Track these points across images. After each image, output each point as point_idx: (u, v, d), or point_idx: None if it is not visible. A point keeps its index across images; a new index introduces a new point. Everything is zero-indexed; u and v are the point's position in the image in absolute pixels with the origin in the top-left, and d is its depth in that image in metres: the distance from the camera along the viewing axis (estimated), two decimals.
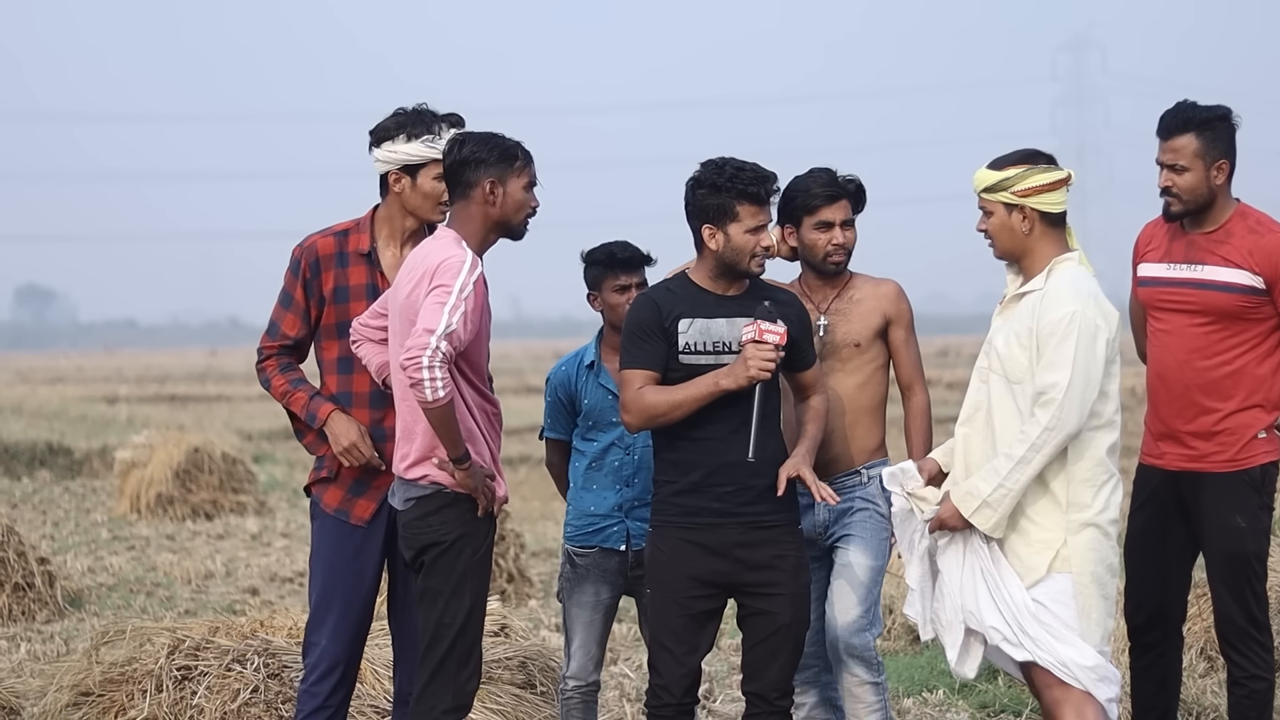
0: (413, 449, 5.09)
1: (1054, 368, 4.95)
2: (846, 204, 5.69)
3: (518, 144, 5.18)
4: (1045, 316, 5.00)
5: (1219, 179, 5.57)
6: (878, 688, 5.59)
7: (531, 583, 11.03)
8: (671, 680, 5.17)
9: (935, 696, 7.54)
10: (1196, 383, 5.60)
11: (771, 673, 5.17)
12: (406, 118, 5.32)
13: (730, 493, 5.14)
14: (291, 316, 5.43)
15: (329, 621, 5.35)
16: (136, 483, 15.58)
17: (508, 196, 5.12)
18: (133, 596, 10.98)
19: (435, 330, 4.86)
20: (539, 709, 6.40)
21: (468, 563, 5.06)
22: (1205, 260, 5.59)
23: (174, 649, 6.26)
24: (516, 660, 6.58)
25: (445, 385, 4.86)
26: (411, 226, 5.41)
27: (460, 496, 5.06)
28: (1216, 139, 5.57)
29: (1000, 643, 5.05)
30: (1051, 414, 4.92)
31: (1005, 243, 5.14)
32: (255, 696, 6.12)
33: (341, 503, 5.38)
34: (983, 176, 5.13)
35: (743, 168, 5.17)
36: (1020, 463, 4.95)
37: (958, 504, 5.04)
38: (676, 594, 5.16)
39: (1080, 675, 4.98)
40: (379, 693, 6.20)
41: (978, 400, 5.16)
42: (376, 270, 5.40)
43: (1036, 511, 5.03)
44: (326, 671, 5.34)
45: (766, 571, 5.16)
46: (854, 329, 5.66)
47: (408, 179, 5.34)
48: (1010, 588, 5.02)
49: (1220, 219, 5.60)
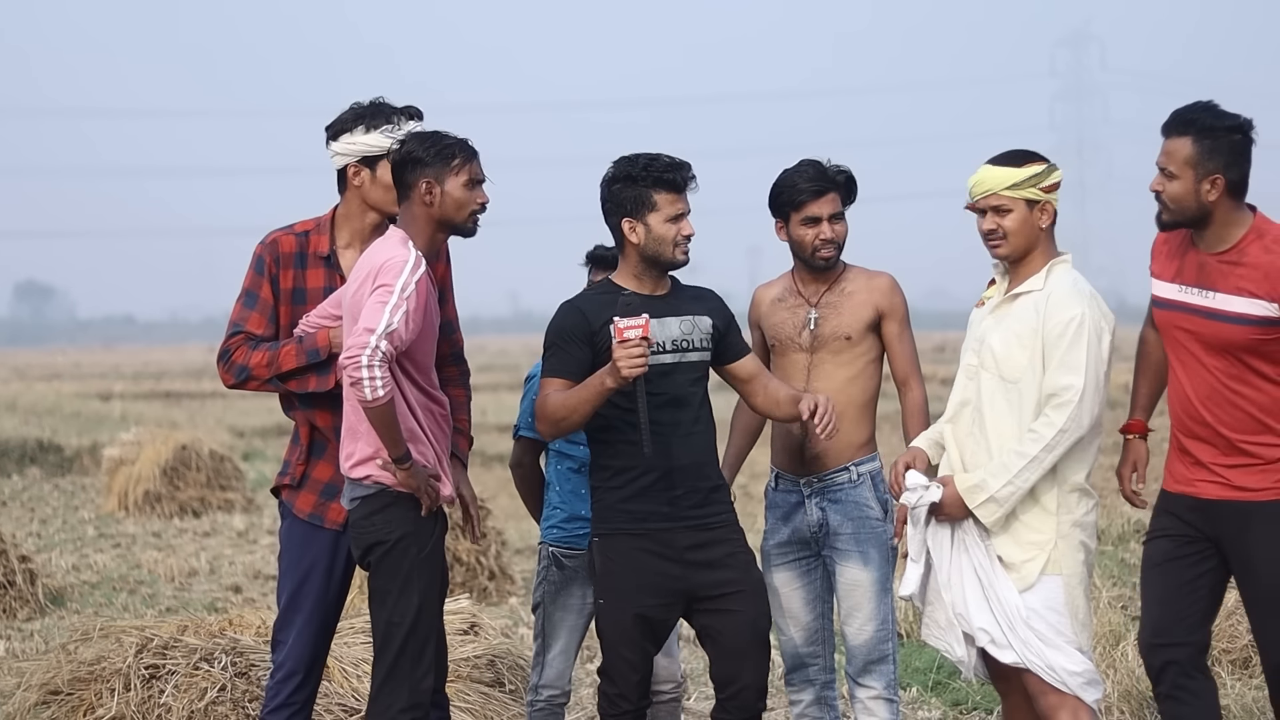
0: (357, 448, 5.08)
1: (1068, 370, 4.94)
2: (835, 197, 5.59)
3: (459, 142, 5.13)
4: (1053, 318, 4.98)
5: (1210, 194, 4.95)
6: (891, 705, 5.59)
7: (513, 580, 11.03)
8: (628, 688, 5.16)
9: (909, 694, 7.54)
10: (1226, 420, 5.05)
11: (745, 675, 5.14)
12: (364, 109, 5.28)
13: (680, 495, 5.14)
14: (257, 315, 5.36)
15: (296, 621, 5.34)
16: (124, 480, 15.60)
17: (445, 196, 5.09)
18: (115, 594, 10.98)
19: (375, 329, 4.85)
20: (507, 707, 6.41)
21: (413, 561, 5.06)
22: (1217, 286, 5.00)
23: (142, 648, 6.28)
24: (485, 659, 6.58)
25: (385, 385, 4.86)
26: (373, 222, 5.35)
27: (404, 496, 5.06)
28: (1216, 150, 4.95)
29: (988, 645, 5.05)
30: (1068, 415, 4.92)
31: (1023, 240, 5.07)
32: (222, 695, 6.14)
33: (315, 508, 5.36)
34: (1002, 175, 5.05)
35: (656, 157, 5.16)
36: (1033, 462, 4.95)
37: (964, 494, 5.02)
38: (631, 602, 5.13)
39: (1069, 680, 4.99)
40: (347, 691, 6.21)
41: (964, 398, 5.15)
42: (336, 274, 5.36)
43: (1028, 514, 5.03)
44: (292, 670, 5.34)
45: (721, 570, 5.15)
46: (844, 322, 5.59)
47: (367, 172, 5.30)
48: (1002, 589, 5.02)
49: (1231, 238, 4.99)
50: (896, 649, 5.66)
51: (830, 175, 5.60)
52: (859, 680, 5.60)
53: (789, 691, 5.77)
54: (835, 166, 5.65)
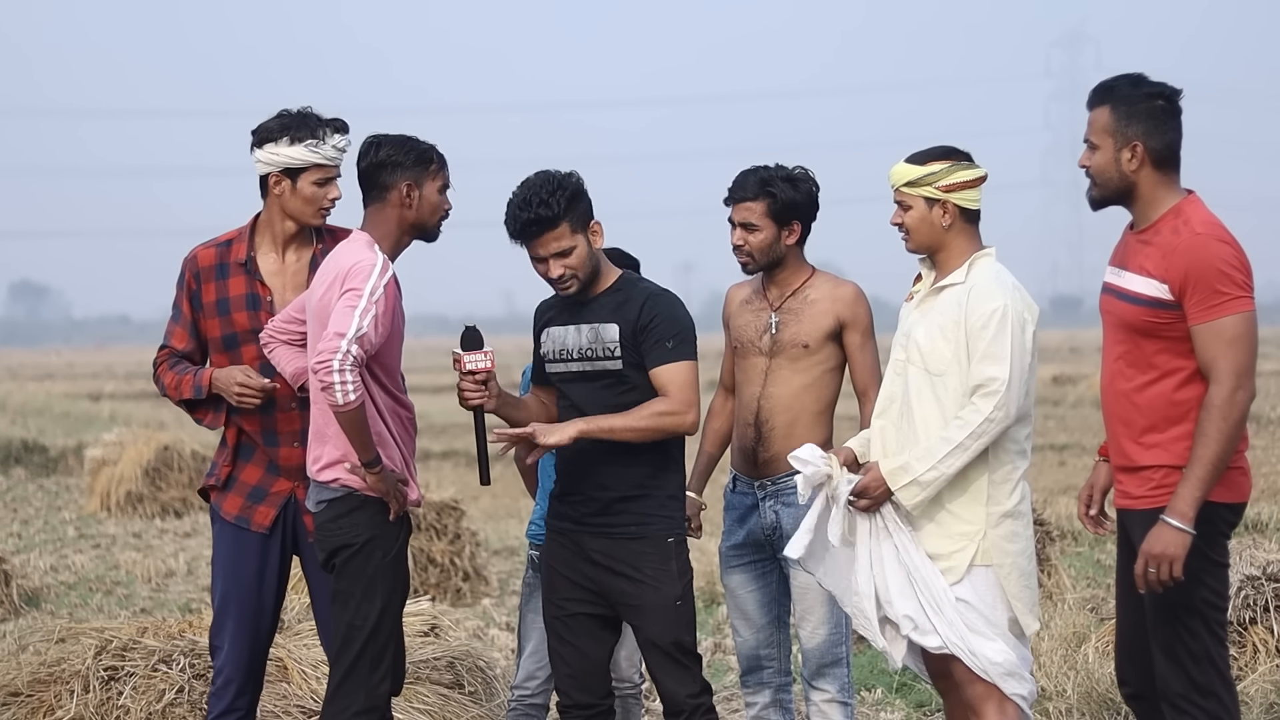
0: (325, 451, 5.10)
1: (993, 360, 4.96)
2: (754, 205, 5.53)
3: (432, 147, 5.19)
4: (975, 310, 5.00)
5: (1131, 163, 4.75)
6: (846, 708, 5.60)
7: (488, 581, 11.03)
8: (562, 682, 5.21)
9: (873, 695, 7.56)
10: (1118, 412, 4.85)
11: (667, 686, 5.15)
12: (290, 120, 5.29)
13: (578, 502, 5.20)
14: (180, 330, 5.44)
15: (229, 626, 5.36)
16: (107, 480, 15.63)
17: (423, 200, 5.14)
18: (90, 595, 11.00)
19: (346, 334, 4.88)
20: (466, 709, 6.42)
21: (378, 565, 5.08)
22: (1128, 265, 4.81)
23: (101, 649, 6.29)
24: (445, 660, 6.59)
25: (356, 389, 4.88)
26: (291, 230, 5.39)
27: (371, 499, 5.08)
28: (1134, 115, 4.75)
29: (911, 632, 5.05)
30: (995, 404, 4.92)
31: (923, 237, 5.14)
32: (180, 697, 6.16)
33: (241, 510, 5.38)
34: (904, 171, 5.13)
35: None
36: (958, 448, 4.95)
37: (886, 476, 5.02)
38: (553, 597, 5.23)
39: (990, 669, 4.99)
40: (306, 693, 6.22)
41: (892, 393, 5.16)
42: (255, 279, 5.39)
43: (956, 504, 5.03)
44: (230, 677, 5.36)
45: (622, 580, 5.14)
46: (803, 329, 5.57)
47: (288, 182, 5.31)
48: (926, 574, 5.03)
49: (1152, 216, 4.78)
50: (851, 653, 5.67)
51: (760, 184, 5.56)
52: (813, 683, 5.61)
53: (745, 693, 5.79)
54: (779, 177, 5.57)
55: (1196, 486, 4.64)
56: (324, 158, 5.27)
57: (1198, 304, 4.65)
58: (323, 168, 5.28)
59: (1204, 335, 4.66)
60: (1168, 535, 4.63)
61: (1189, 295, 4.65)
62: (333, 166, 5.31)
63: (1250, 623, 7.23)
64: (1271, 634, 7.17)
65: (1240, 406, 4.65)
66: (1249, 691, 6.78)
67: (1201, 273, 4.64)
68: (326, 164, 5.29)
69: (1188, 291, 4.65)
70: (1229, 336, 4.64)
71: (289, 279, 5.38)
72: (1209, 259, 4.65)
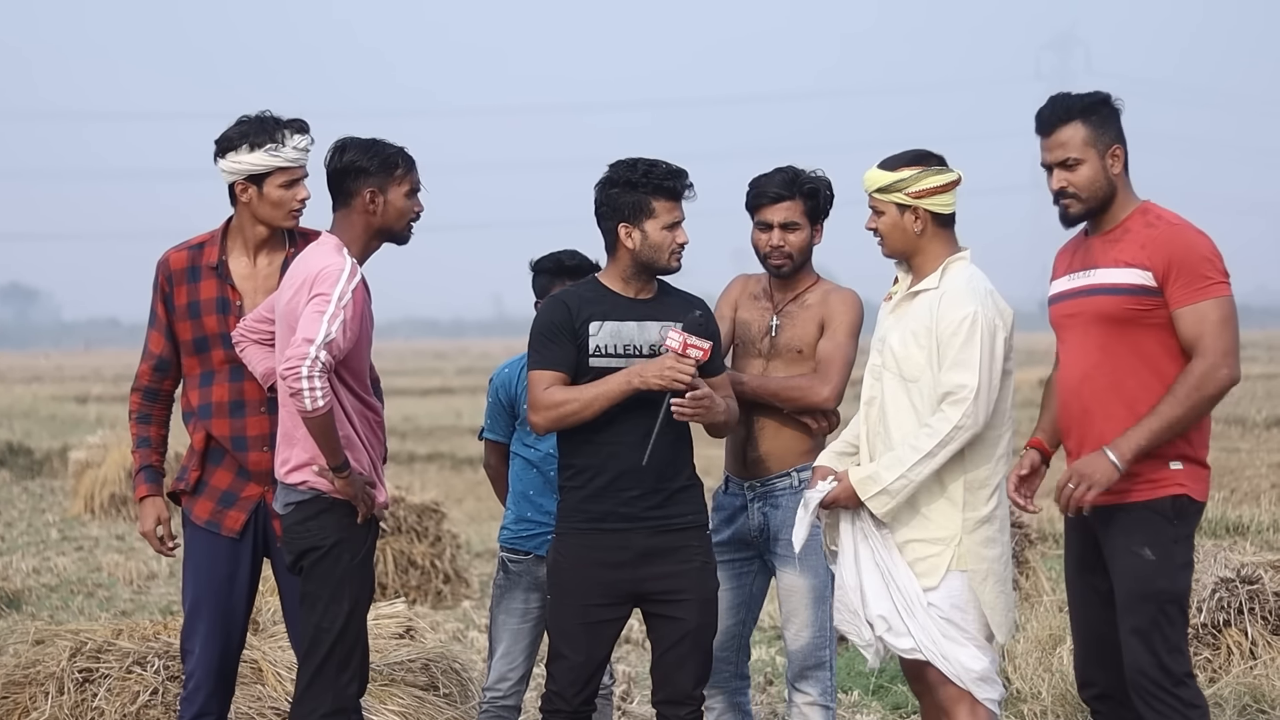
0: (293, 454, 5.11)
1: (962, 368, 4.98)
2: (793, 205, 5.56)
3: (399, 150, 5.18)
4: (946, 317, 5.02)
5: (1115, 167, 4.94)
6: (827, 711, 5.60)
7: (469, 583, 11.04)
8: (565, 687, 5.15)
9: (850, 698, 7.57)
10: (1097, 409, 4.91)
11: (680, 681, 5.14)
12: (249, 126, 5.28)
13: (636, 497, 5.12)
14: (155, 334, 5.46)
15: (200, 630, 5.37)
16: (90, 483, 15.63)
17: (389, 205, 5.15)
18: (72, 597, 10.99)
19: (314, 340, 4.88)
20: (441, 711, 6.42)
21: (346, 567, 5.09)
22: (1098, 263, 4.95)
23: (76, 651, 6.28)
24: (420, 662, 6.59)
25: (325, 395, 4.89)
26: (262, 234, 5.39)
27: (339, 502, 5.08)
28: (1105, 124, 4.97)
29: (885, 633, 5.07)
30: (963, 412, 4.95)
31: (896, 243, 5.16)
32: (154, 699, 6.14)
33: (212, 514, 5.39)
34: (875, 177, 5.13)
35: (655, 164, 5.16)
36: (926, 456, 4.97)
37: (856, 485, 5.04)
38: (577, 601, 5.13)
39: (963, 675, 5.01)
40: (280, 694, 6.22)
41: (870, 396, 5.18)
42: (226, 284, 5.39)
43: (933, 510, 5.05)
44: (200, 682, 5.36)
45: (672, 578, 5.13)
46: (798, 334, 5.61)
47: (254, 188, 5.31)
48: (901, 578, 5.05)
49: (1119, 216, 4.97)
50: (834, 657, 5.68)
51: (795, 183, 5.59)
52: (796, 685, 5.62)
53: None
54: (809, 175, 5.63)
55: (1145, 436, 4.80)
56: (286, 160, 5.26)
57: (1182, 288, 4.82)
58: (286, 170, 5.27)
59: (1189, 316, 4.83)
60: (1101, 462, 4.81)
61: (1172, 280, 4.82)
62: (297, 168, 5.30)
63: (1224, 625, 7.27)
64: (1245, 636, 7.20)
65: (1218, 383, 4.82)
66: (1222, 694, 6.81)
67: (1184, 258, 4.83)
68: (289, 166, 5.28)
69: (1171, 277, 4.82)
70: (1215, 318, 4.81)
71: (260, 283, 5.39)
72: (1191, 245, 4.85)
